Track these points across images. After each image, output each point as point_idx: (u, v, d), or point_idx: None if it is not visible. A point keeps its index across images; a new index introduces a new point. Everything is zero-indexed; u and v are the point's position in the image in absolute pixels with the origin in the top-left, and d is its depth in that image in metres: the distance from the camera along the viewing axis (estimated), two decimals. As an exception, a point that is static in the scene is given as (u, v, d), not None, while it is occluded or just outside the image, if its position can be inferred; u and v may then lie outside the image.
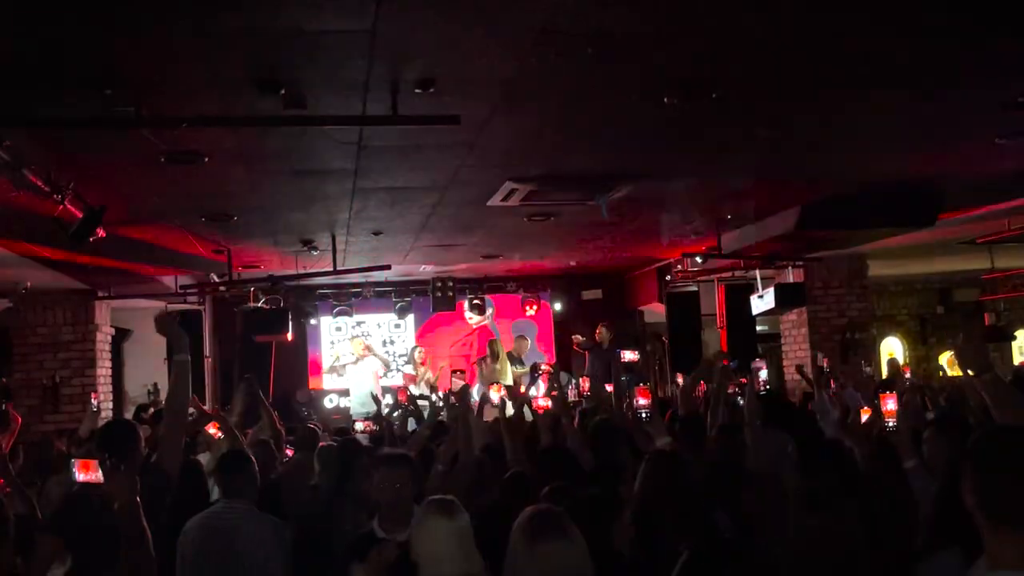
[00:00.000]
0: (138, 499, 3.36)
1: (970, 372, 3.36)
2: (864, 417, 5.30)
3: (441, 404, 7.09)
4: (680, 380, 9.46)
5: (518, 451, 4.99)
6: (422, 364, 13.19)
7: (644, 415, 4.56)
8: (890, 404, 4.30)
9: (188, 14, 3.64)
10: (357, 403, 12.32)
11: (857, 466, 4.38)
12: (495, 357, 12.96)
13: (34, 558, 3.68)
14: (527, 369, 12.58)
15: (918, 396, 6.80)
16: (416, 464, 4.30)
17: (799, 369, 9.01)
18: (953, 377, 6.67)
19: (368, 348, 13.81)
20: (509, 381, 12.13)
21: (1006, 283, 13.53)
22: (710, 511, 3.61)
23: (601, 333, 12.79)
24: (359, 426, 7.32)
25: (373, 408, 8.20)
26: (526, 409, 6.09)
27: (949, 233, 9.24)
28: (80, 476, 3.37)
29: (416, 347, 13.54)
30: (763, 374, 6.04)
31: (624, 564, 3.20)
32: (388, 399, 9.61)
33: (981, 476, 2.17)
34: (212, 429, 5.97)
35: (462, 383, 6.53)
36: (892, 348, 15.17)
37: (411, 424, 7.54)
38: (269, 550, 4.29)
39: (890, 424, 4.30)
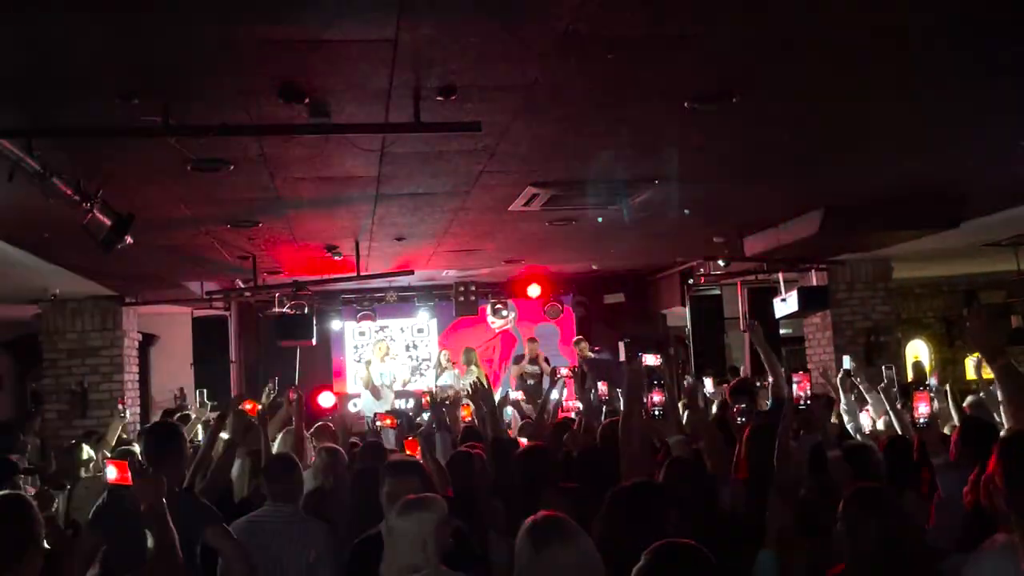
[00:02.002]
0: (165, 501, 3.40)
1: (984, 358, 3.25)
2: (880, 421, 5.31)
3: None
4: (710, 384, 9.44)
5: None
6: (453, 366, 13.22)
7: (657, 413, 4.56)
8: (922, 407, 4.29)
9: (214, 24, 3.69)
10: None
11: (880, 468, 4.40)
12: (468, 363, 13.04)
13: (72, 558, 3.74)
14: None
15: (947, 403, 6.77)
16: (425, 472, 4.29)
17: (824, 374, 8.95)
18: (977, 382, 6.61)
19: (386, 354, 13.83)
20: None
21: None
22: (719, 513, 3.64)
23: (581, 347, 12.90)
24: (378, 423, 7.36)
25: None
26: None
27: (974, 235, 9.17)
28: (112, 477, 3.42)
29: (442, 351, 13.56)
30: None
31: None
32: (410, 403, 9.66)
33: (1015, 478, 2.17)
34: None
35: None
36: (917, 351, 15.05)
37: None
38: (317, 554, 4.33)
39: (921, 421, 4.30)
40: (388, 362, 13.73)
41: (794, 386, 4.84)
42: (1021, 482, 2.18)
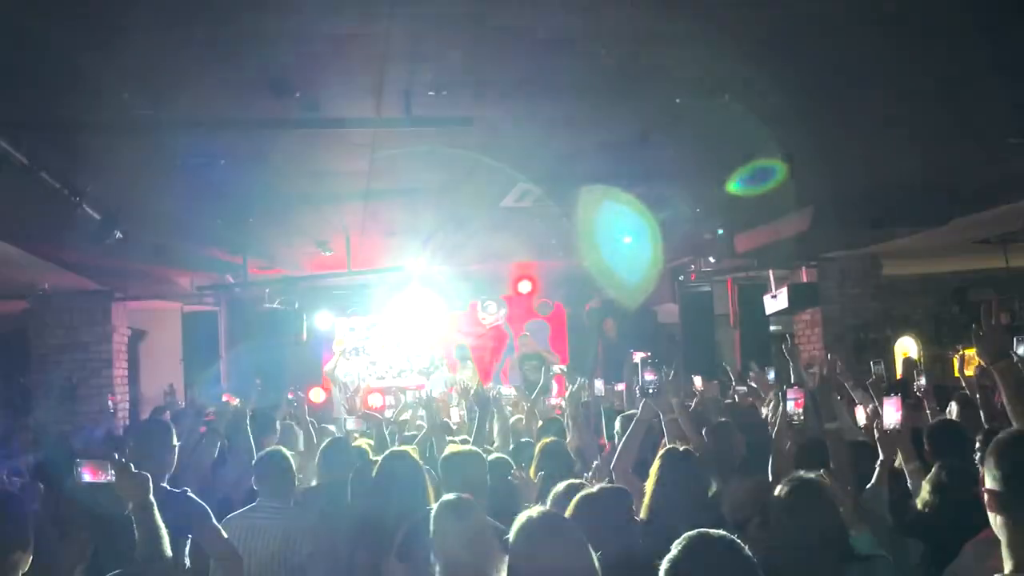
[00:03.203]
0: (152, 498, 3.38)
1: (986, 359, 3.22)
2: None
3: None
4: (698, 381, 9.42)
5: None
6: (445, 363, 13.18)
7: (651, 390, 4.56)
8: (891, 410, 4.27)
9: (204, 19, 3.68)
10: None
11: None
12: (462, 359, 13.03)
13: (63, 556, 3.72)
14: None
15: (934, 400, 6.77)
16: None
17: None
18: (967, 378, 6.60)
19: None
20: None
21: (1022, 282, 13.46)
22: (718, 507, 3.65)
23: (609, 325, 12.85)
24: (351, 424, 7.35)
25: None
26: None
27: (963, 232, 9.21)
28: (87, 477, 3.39)
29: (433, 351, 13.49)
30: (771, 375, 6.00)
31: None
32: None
33: (1008, 480, 2.15)
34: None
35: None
36: (907, 348, 15.10)
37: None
38: (310, 550, 4.32)
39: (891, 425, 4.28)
40: (351, 359, 13.67)
41: (790, 403, 4.74)
42: (1010, 485, 2.15)
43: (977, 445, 4.28)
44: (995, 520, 2.17)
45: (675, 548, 2.25)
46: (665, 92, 4.82)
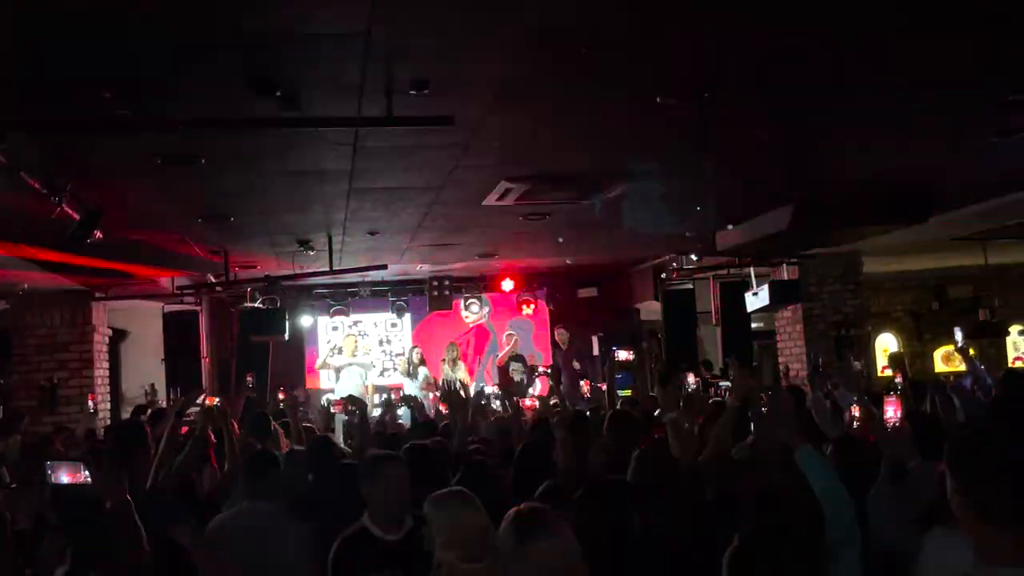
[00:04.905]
0: (129, 498, 3.37)
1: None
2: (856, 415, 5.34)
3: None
4: (691, 378, 9.45)
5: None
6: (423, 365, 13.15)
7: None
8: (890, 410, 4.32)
9: (185, 17, 3.66)
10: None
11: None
12: (454, 360, 13.04)
13: (41, 556, 3.71)
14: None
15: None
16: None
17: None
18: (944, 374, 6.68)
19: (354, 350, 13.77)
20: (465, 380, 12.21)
21: (1000, 279, 13.61)
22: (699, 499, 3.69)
23: (560, 335, 12.92)
24: (335, 408, 7.30)
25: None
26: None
27: (942, 230, 9.29)
28: (64, 479, 3.37)
29: (414, 348, 13.46)
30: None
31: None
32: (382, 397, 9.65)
33: (971, 478, 2.17)
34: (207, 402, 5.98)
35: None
36: (887, 344, 15.23)
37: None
38: (301, 551, 4.30)
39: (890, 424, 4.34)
40: (361, 357, 13.63)
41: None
42: (985, 485, 2.17)
43: None
44: (961, 520, 2.19)
45: (737, 539, 2.25)
46: (647, 89, 4.83)
